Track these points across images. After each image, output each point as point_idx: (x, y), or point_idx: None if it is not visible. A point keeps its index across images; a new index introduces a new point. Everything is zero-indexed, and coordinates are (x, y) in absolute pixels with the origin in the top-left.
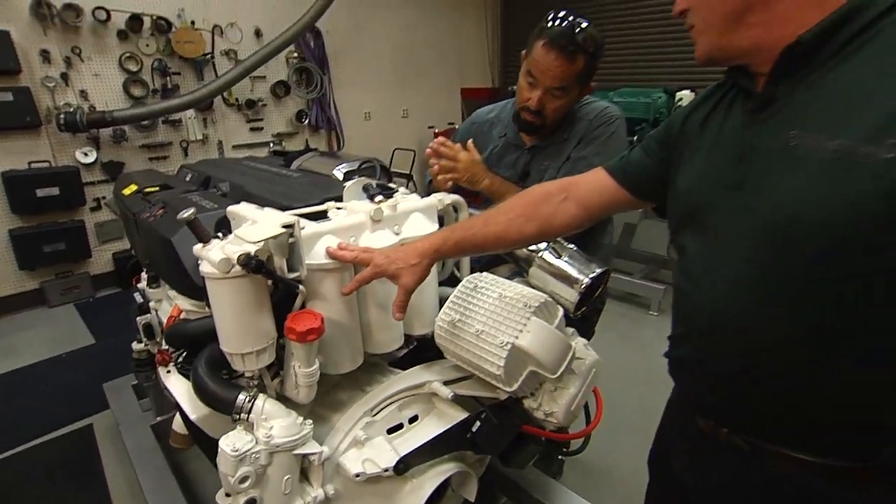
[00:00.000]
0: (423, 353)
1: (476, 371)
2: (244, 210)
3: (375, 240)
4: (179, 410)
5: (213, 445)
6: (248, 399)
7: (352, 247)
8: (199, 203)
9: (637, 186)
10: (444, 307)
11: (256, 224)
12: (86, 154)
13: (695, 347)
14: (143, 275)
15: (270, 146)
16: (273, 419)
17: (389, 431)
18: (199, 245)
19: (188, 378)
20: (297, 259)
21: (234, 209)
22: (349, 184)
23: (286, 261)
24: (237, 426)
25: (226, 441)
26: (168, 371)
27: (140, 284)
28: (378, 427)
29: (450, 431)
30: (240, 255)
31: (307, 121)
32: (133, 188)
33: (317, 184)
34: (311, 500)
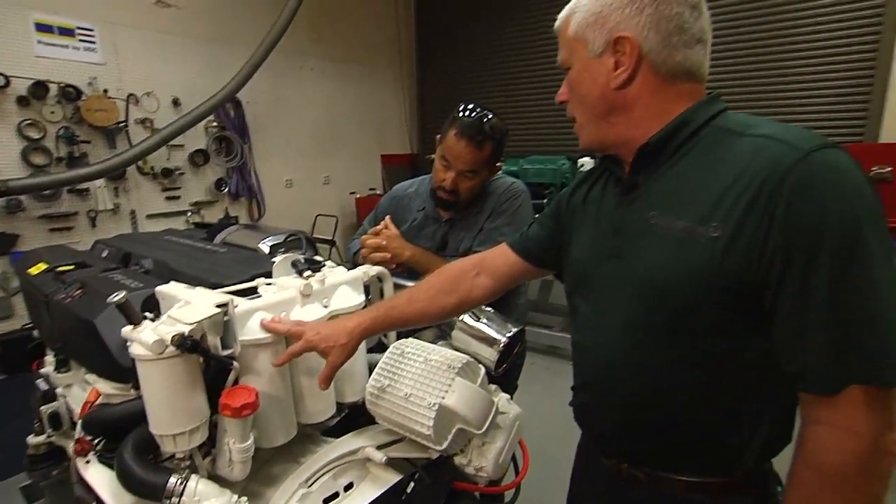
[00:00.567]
0: (355, 421)
1: (407, 433)
2: (174, 290)
3: (306, 314)
4: None
5: None
6: (180, 481)
7: (285, 320)
8: (123, 282)
9: (535, 257)
10: (374, 374)
11: (190, 304)
12: None
13: (591, 394)
14: (49, 359)
15: (188, 215)
16: (207, 500)
17: (326, 501)
18: (129, 327)
19: (110, 467)
20: (231, 336)
21: (164, 290)
22: (278, 260)
23: (220, 338)
24: None
25: None
26: (87, 461)
27: (44, 370)
28: (314, 498)
29: (385, 495)
30: (173, 336)
31: (227, 189)
32: (42, 266)
33: (244, 260)
34: None
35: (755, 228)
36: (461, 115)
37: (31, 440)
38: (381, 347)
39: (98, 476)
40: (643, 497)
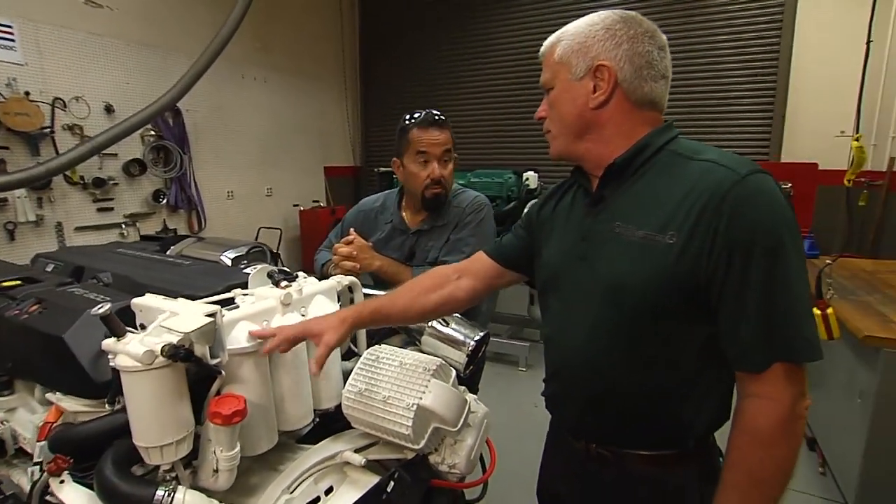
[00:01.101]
0: (327, 428)
1: (385, 435)
2: (155, 302)
3: (286, 322)
4: None
5: None
6: (168, 493)
7: (273, 329)
8: (86, 296)
9: (510, 262)
10: (350, 378)
11: (178, 315)
12: None
13: (561, 382)
14: None
15: (122, 228)
16: None
17: None
18: (112, 340)
19: (86, 486)
20: (219, 346)
21: (142, 302)
22: (254, 271)
23: (209, 348)
24: None
25: None
26: (62, 481)
27: None
28: (297, 503)
29: (366, 496)
30: (164, 347)
31: (165, 201)
32: None
33: (215, 272)
34: None
35: (703, 237)
36: (412, 118)
37: None
38: (351, 355)
39: (74, 495)
40: (611, 476)
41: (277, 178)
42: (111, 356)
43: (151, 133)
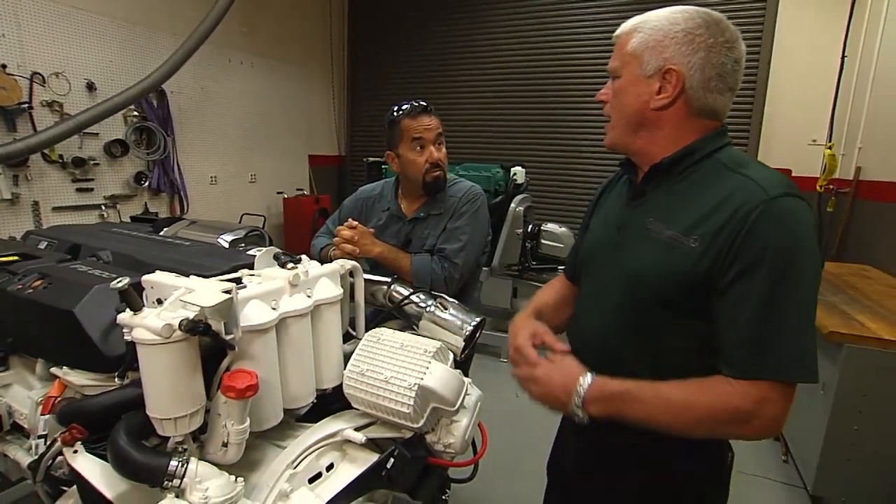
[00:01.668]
0: (325, 408)
1: (385, 414)
2: (166, 279)
3: (293, 302)
4: (83, 495)
5: None
6: (181, 464)
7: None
8: (91, 273)
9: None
10: (352, 359)
11: (194, 291)
12: None
13: (582, 358)
14: None
15: (102, 209)
16: (207, 480)
17: (310, 481)
18: (129, 313)
19: (98, 456)
20: (234, 322)
21: (153, 278)
22: (260, 253)
23: (223, 324)
24: (167, 494)
25: None
26: (75, 451)
27: None
28: (300, 478)
29: (367, 472)
30: (183, 321)
31: (147, 183)
32: None
33: (220, 253)
34: None
35: (722, 245)
36: (399, 110)
37: None
38: (349, 338)
39: (88, 465)
40: (613, 447)
41: (262, 165)
42: (126, 330)
43: (135, 114)
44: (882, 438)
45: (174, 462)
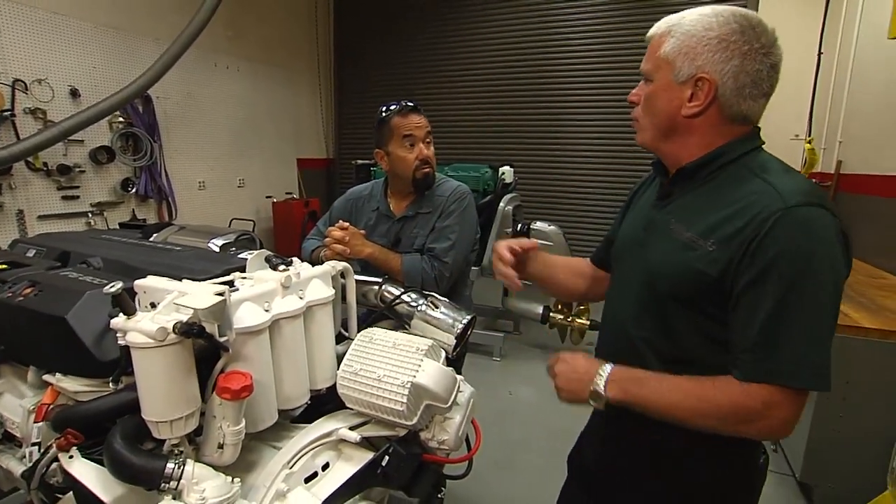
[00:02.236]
0: (317, 409)
1: (379, 413)
2: (159, 283)
3: (285, 304)
4: (79, 501)
5: None
6: (178, 466)
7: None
8: (82, 279)
9: (605, 265)
10: (345, 359)
11: (188, 295)
12: None
13: (604, 347)
14: None
15: (89, 217)
16: (204, 482)
17: (306, 481)
18: (122, 318)
19: (94, 461)
20: (227, 324)
21: (145, 282)
22: (252, 256)
23: (217, 326)
24: (164, 497)
25: None
26: (70, 456)
27: None
28: (296, 478)
29: (362, 470)
30: (177, 324)
31: (135, 190)
32: None
33: (210, 257)
34: None
35: (736, 250)
36: (389, 109)
37: None
38: (342, 339)
39: (84, 470)
40: (636, 439)
41: (250, 169)
42: (120, 334)
43: (120, 120)
44: (866, 425)
45: (171, 464)
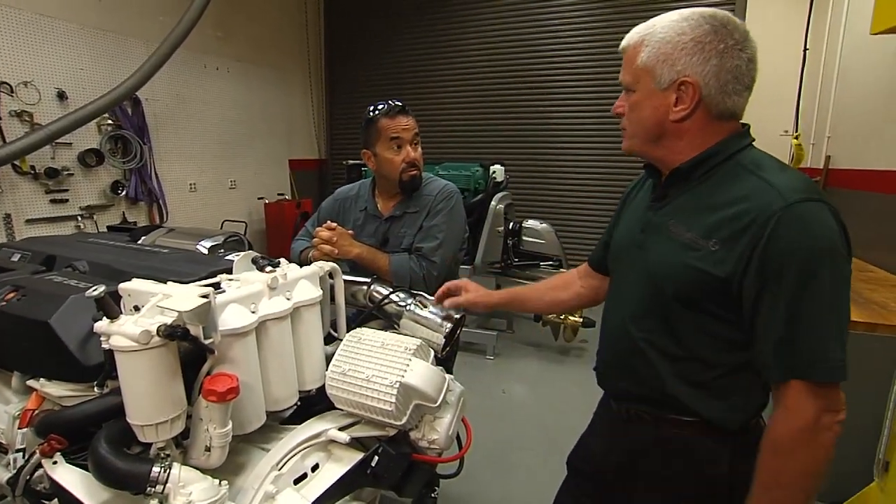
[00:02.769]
0: (306, 411)
1: (368, 413)
2: (143, 286)
3: (272, 305)
4: None
5: None
6: (164, 469)
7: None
8: (67, 283)
9: (603, 268)
10: (334, 360)
11: (171, 297)
12: None
13: (608, 354)
14: None
15: (78, 220)
16: (191, 485)
17: (295, 482)
18: (105, 322)
19: (79, 467)
20: (212, 326)
21: (130, 286)
22: (238, 257)
23: (202, 328)
24: (150, 501)
25: None
26: (54, 462)
27: None
28: (285, 479)
29: (352, 470)
30: (160, 327)
31: (125, 192)
32: None
33: (197, 259)
34: None
35: (741, 251)
36: (377, 109)
37: None
38: (332, 340)
39: (68, 475)
40: (643, 437)
41: (241, 171)
42: (104, 338)
43: (109, 122)
44: (856, 416)
45: (156, 468)
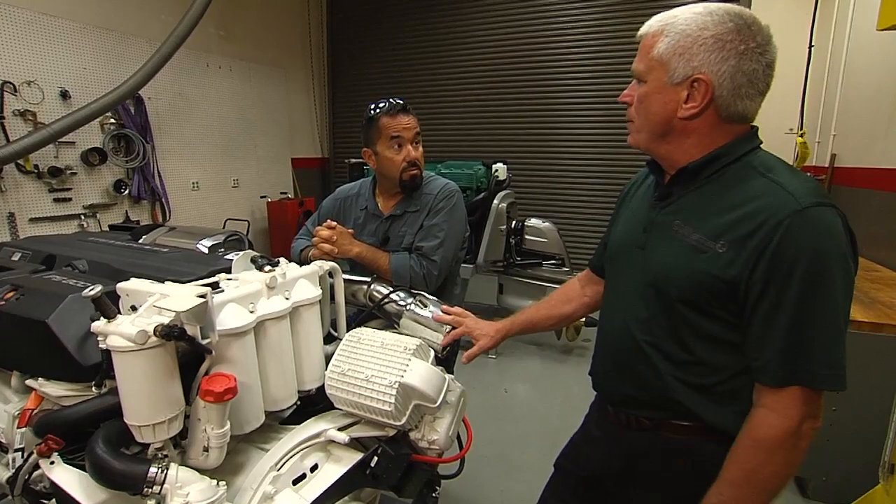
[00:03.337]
0: (306, 410)
1: (368, 413)
2: (141, 285)
3: (271, 305)
4: None
5: None
6: (161, 470)
7: (450, 311)
8: (66, 283)
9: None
10: (333, 360)
11: (169, 297)
12: None
13: (605, 353)
14: None
15: (81, 219)
16: (189, 485)
17: (294, 483)
18: (102, 322)
19: (77, 467)
20: (210, 326)
21: (128, 285)
22: (238, 257)
23: (199, 328)
24: (148, 502)
25: None
26: (52, 462)
27: None
28: (284, 480)
29: (351, 471)
30: (157, 327)
31: (127, 191)
32: None
33: (196, 258)
34: None
35: (750, 253)
36: (377, 107)
37: None
38: (332, 339)
39: (65, 476)
40: (642, 441)
41: (244, 169)
42: (101, 338)
43: (112, 121)
44: (859, 418)
45: (154, 468)
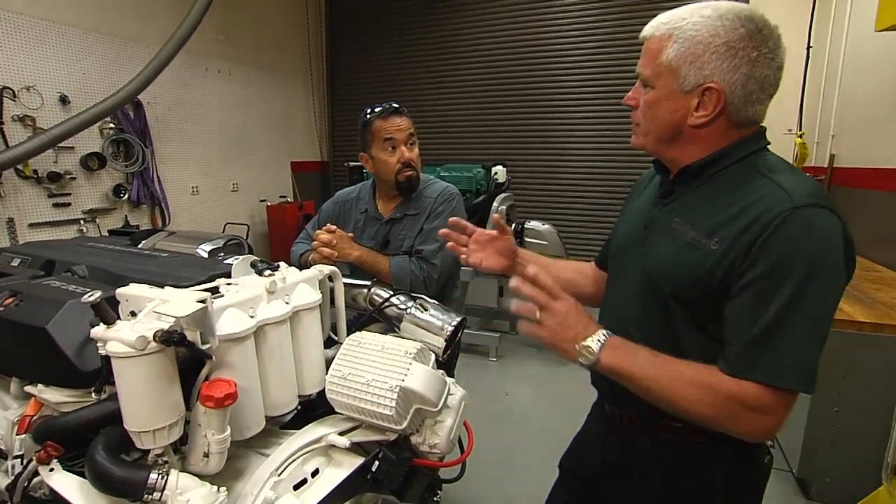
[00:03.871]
0: (307, 415)
1: (368, 417)
2: (140, 291)
3: (271, 309)
4: None
5: None
6: (161, 476)
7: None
8: (64, 288)
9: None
10: (334, 363)
11: (168, 302)
12: None
13: None
14: None
15: (81, 224)
16: (189, 491)
17: (295, 488)
18: (101, 327)
19: (76, 473)
20: (210, 331)
21: (127, 291)
22: (237, 261)
23: (199, 333)
24: None
25: None
26: (51, 469)
27: None
28: (285, 485)
29: (352, 475)
30: (157, 332)
31: (127, 196)
32: None
33: (196, 263)
34: None
35: (742, 248)
36: (372, 111)
37: None
38: (332, 343)
39: (65, 482)
40: (638, 440)
41: (243, 173)
42: (101, 344)
43: (111, 126)
44: (861, 418)
45: (154, 475)
